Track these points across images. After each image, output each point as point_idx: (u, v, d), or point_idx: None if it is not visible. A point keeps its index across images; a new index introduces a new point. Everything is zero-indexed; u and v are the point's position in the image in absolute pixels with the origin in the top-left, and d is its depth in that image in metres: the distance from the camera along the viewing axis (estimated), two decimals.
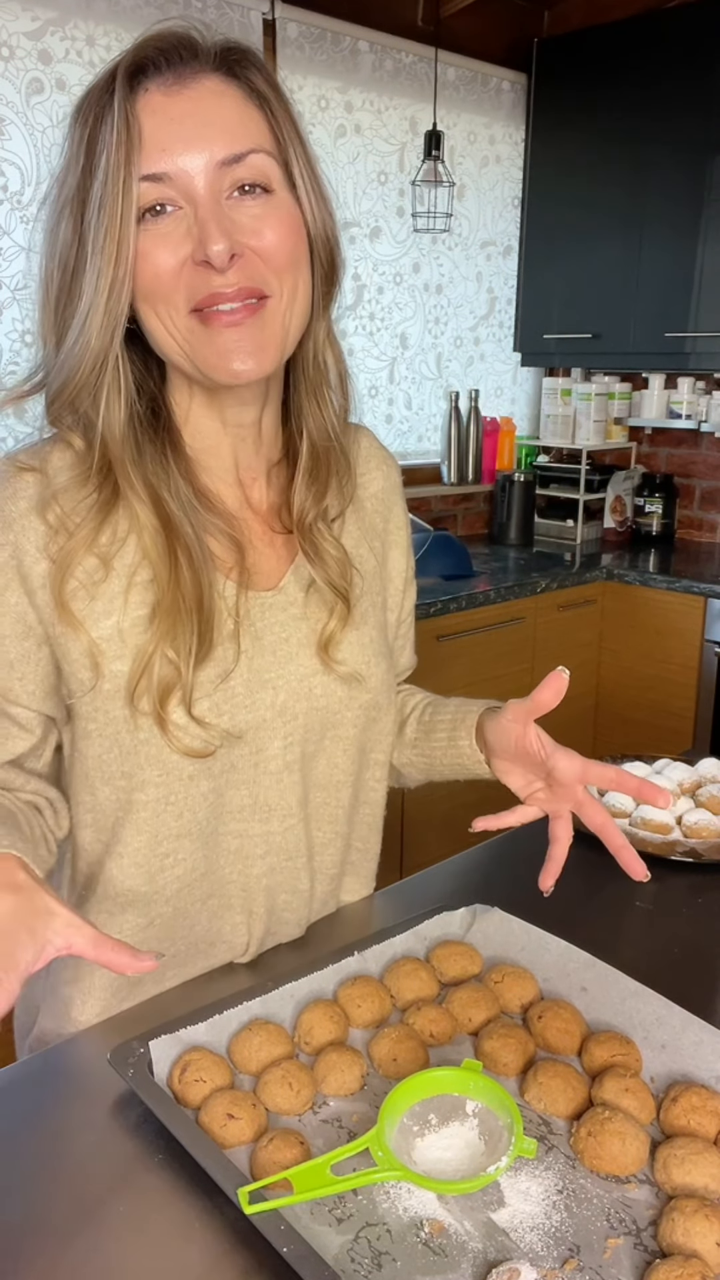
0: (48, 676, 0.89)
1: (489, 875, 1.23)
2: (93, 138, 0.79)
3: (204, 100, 0.80)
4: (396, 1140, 0.73)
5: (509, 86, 3.51)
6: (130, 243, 0.79)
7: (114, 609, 0.87)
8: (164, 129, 0.79)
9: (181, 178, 0.79)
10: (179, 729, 0.87)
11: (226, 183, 0.80)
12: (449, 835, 1.25)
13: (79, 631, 0.86)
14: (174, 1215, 0.71)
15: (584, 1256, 0.67)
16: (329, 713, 0.97)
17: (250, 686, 0.91)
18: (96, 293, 0.80)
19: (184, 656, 0.86)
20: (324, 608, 0.96)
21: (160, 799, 0.90)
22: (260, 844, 0.97)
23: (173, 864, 0.94)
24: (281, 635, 0.94)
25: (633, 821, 1.29)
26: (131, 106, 0.78)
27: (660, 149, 3.15)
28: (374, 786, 1.08)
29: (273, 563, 0.96)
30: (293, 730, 0.95)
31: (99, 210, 0.79)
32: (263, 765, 0.94)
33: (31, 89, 2.44)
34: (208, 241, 0.79)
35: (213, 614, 0.88)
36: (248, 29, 2.78)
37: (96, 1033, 0.93)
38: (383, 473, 1.08)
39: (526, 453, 3.75)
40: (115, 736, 0.88)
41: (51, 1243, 0.69)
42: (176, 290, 0.81)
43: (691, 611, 3.02)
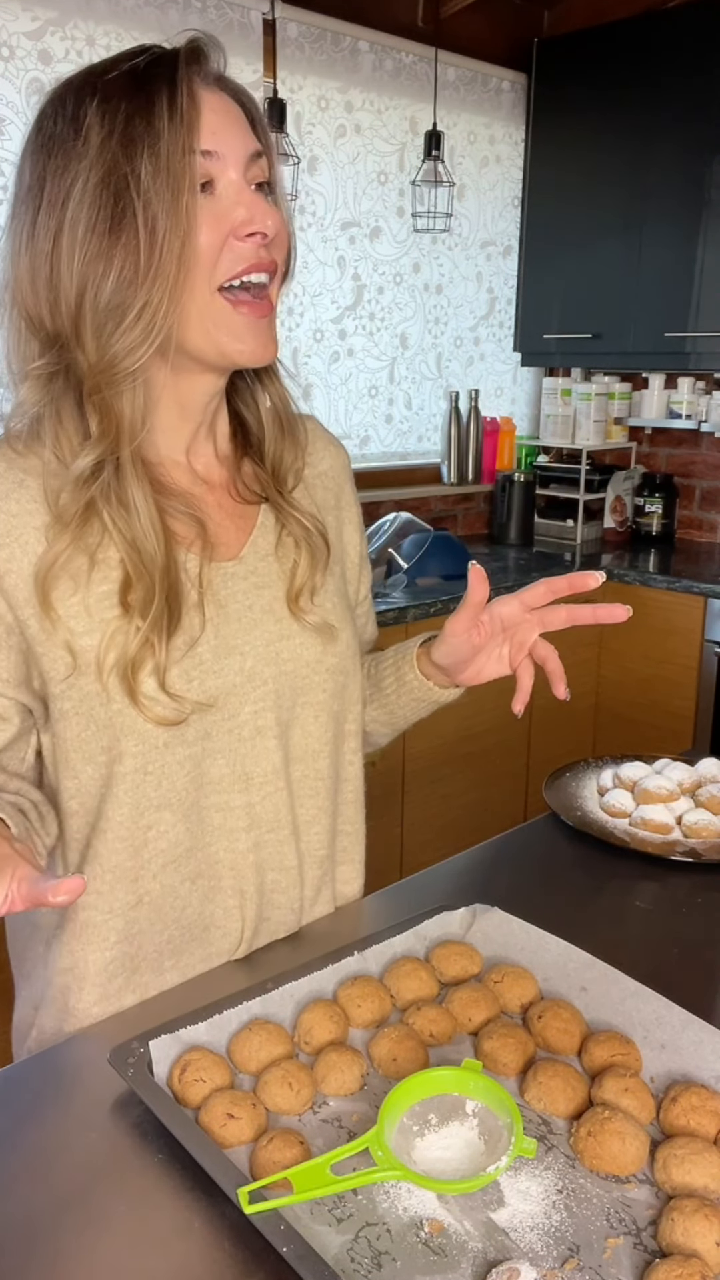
0: (19, 665, 0.90)
1: (489, 875, 1.23)
2: (139, 118, 0.81)
3: (228, 103, 0.88)
4: (396, 1140, 0.73)
5: (509, 86, 3.51)
6: (195, 214, 0.83)
7: (78, 587, 0.89)
8: (213, 114, 0.85)
9: (227, 159, 0.86)
10: (149, 700, 0.89)
11: (250, 175, 0.88)
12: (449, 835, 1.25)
13: (56, 622, 0.89)
14: (174, 1215, 0.71)
15: (584, 1256, 0.67)
16: (298, 677, 1.00)
17: (217, 653, 0.94)
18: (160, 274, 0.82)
19: (156, 631, 0.89)
20: (285, 572, 1.00)
21: (139, 769, 0.92)
22: (243, 816, 0.99)
23: (155, 837, 0.95)
24: (245, 603, 0.97)
25: (632, 821, 1.29)
26: (193, 86, 0.84)
27: (660, 149, 3.15)
28: (351, 759, 1.10)
29: (231, 534, 0.99)
30: (263, 695, 0.97)
31: (165, 181, 0.81)
32: (236, 732, 0.96)
33: (31, 89, 2.44)
34: (264, 216, 0.86)
35: (179, 590, 0.91)
36: (248, 29, 2.78)
37: (96, 1033, 0.93)
38: (330, 453, 1.12)
39: (526, 453, 3.75)
40: (90, 713, 0.90)
41: (51, 1242, 0.69)
42: (214, 263, 0.86)
43: (691, 611, 3.02)
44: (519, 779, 3.00)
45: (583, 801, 1.36)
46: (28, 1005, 1.05)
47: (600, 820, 1.31)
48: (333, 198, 3.12)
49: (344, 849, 1.12)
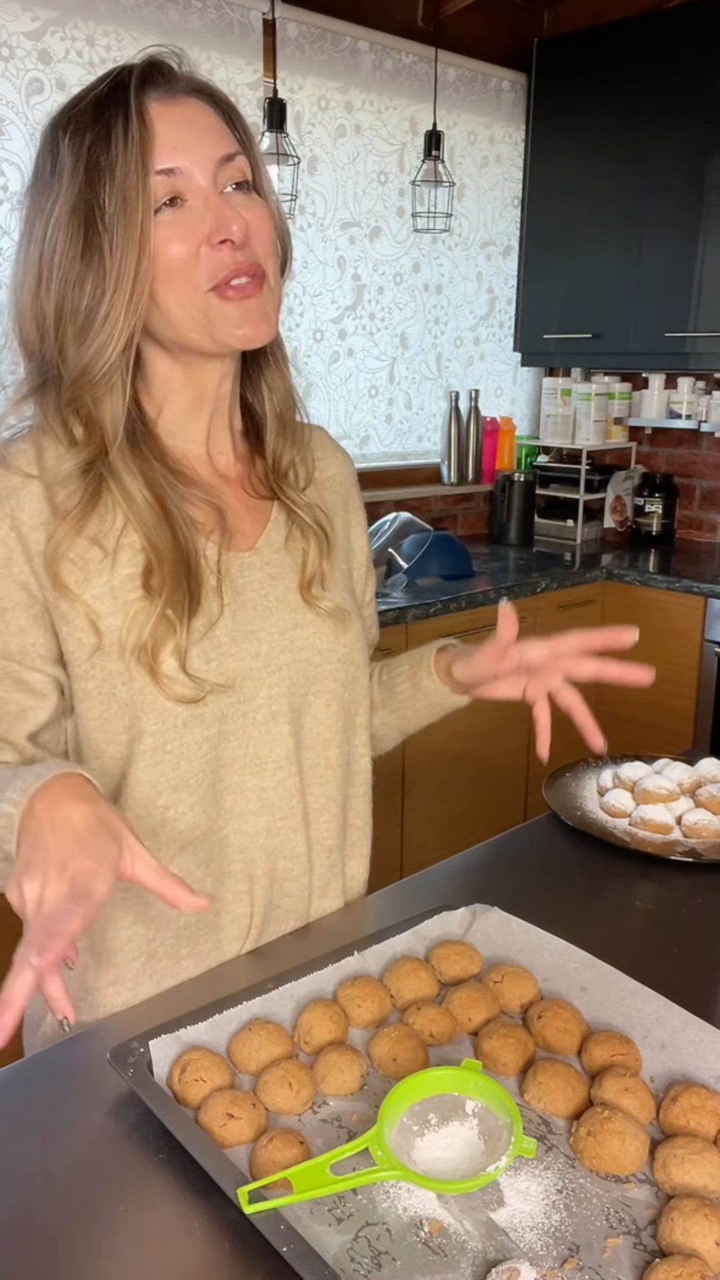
0: (52, 643, 0.94)
1: (489, 875, 1.23)
2: (98, 145, 0.87)
3: (193, 111, 0.91)
4: (396, 1140, 0.73)
5: (509, 86, 3.51)
6: (150, 233, 0.88)
7: (104, 569, 0.94)
8: (170, 130, 0.89)
9: (190, 172, 0.89)
10: (169, 679, 0.93)
11: (222, 179, 0.91)
12: (449, 835, 1.26)
13: (76, 602, 0.93)
14: (174, 1215, 0.71)
15: (584, 1256, 0.67)
16: (310, 665, 1.03)
17: (234, 637, 0.98)
18: (119, 287, 0.87)
19: (178, 613, 0.93)
20: (297, 564, 1.04)
21: (157, 747, 0.95)
22: (255, 799, 1.01)
23: (174, 818, 0.97)
24: (261, 592, 1.01)
25: (632, 821, 1.29)
26: (143, 108, 0.88)
27: (660, 149, 3.15)
28: (361, 753, 1.13)
29: (248, 525, 1.04)
30: (277, 681, 1.01)
31: (120, 205, 0.86)
32: (251, 715, 1.00)
33: (31, 89, 2.45)
34: (229, 222, 0.89)
35: (200, 574, 0.96)
36: (248, 29, 2.78)
37: (97, 1033, 0.93)
38: (338, 460, 1.17)
39: (526, 453, 3.75)
40: (112, 691, 0.94)
41: (51, 1242, 0.69)
42: (196, 270, 0.90)
43: (691, 611, 3.02)
44: (519, 779, 3.00)
45: (583, 801, 1.36)
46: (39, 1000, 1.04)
47: (600, 820, 1.31)
48: (333, 198, 3.12)
49: (353, 843, 1.14)
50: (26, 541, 0.92)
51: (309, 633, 1.03)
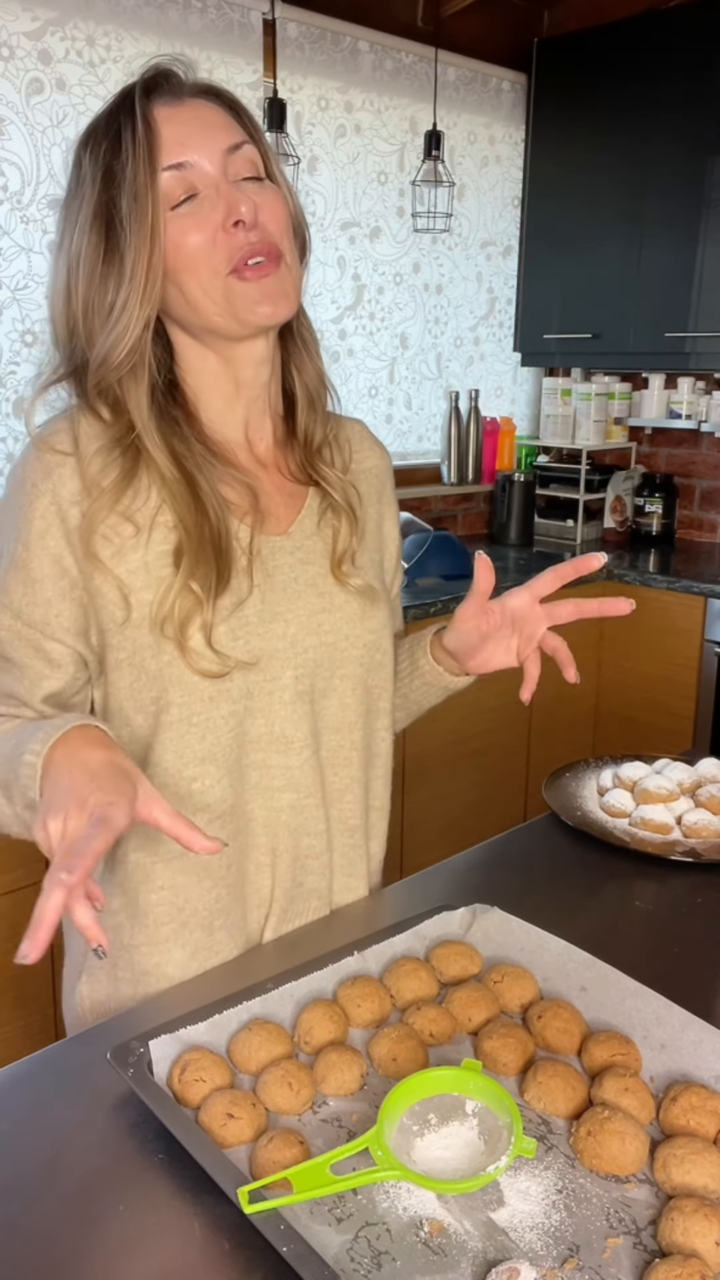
0: (79, 618, 0.98)
1: (489, 875, 1.24)
2: (110, 153, 0.93)
3: (199, 110, 0.97)
4: (396, 1140, 0.73)
5: (509, 86, 3.51)
6: (162, 227, 0.93)
7: (139, 545, 0.98)
8: (176, 129, 0.94)
9: (199, 165, 0.94)
10: (196, 654, 0.97)
11: (230, 170, 0.96)
12: (449, 835, 1.26)
13: (106, 574, 0.97)
14: (174, 1215, 0.71)
15: (584, 1256, 0.67)
16: (335, 649, 1.06)
17: (263, 617, 1.01)
18: (134, 277, 0.93)
19: (206, 590, 0.97)
20: (328, 546, 1.08)
21: (184, 719, 0.98)
22: (280, 776, 1.05)
23: (200, 790, 1.01)
24: (291, 575, 1.04)
25: (632, 821, 1.29)
26: (148, 113, 0.94)
27: (660, 149, 3.15)
28: (383, 736, 1.15)
29: (283, 510, 1.07)
30: (303, 663, 1.04)
31: (132, 203, 0.92)
32: (277, 695, 1.03)
33: (31, 89, 2.45)
34: (238, 205, 0.94)
35: (230, 552, 0.99)
36: (248, 29, 2.78)
37: (97, 1033, 0.93)
38: (376, 453, 1.20)
39: (526, 453, 3.75)
40: (142, 663, 0.98)
41: (51, 1242, 0.69)
42: (215, 254, 0.94)
43: (691, 611, 3.02)
44: (519, 779, 3.00)
45: (583, 801, 1.36)
46: (76, 954, 1.10)
47: (600, 820, 1.31)
48: (333, 198, 3.12)
49: (373, 824, 1.17)
50: (65, 517, 0.96)
51: (336, 617, 1.06)
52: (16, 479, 0.99)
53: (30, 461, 0.98)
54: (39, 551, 0.97)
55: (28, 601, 0.97)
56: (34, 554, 0.97)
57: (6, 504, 1.00)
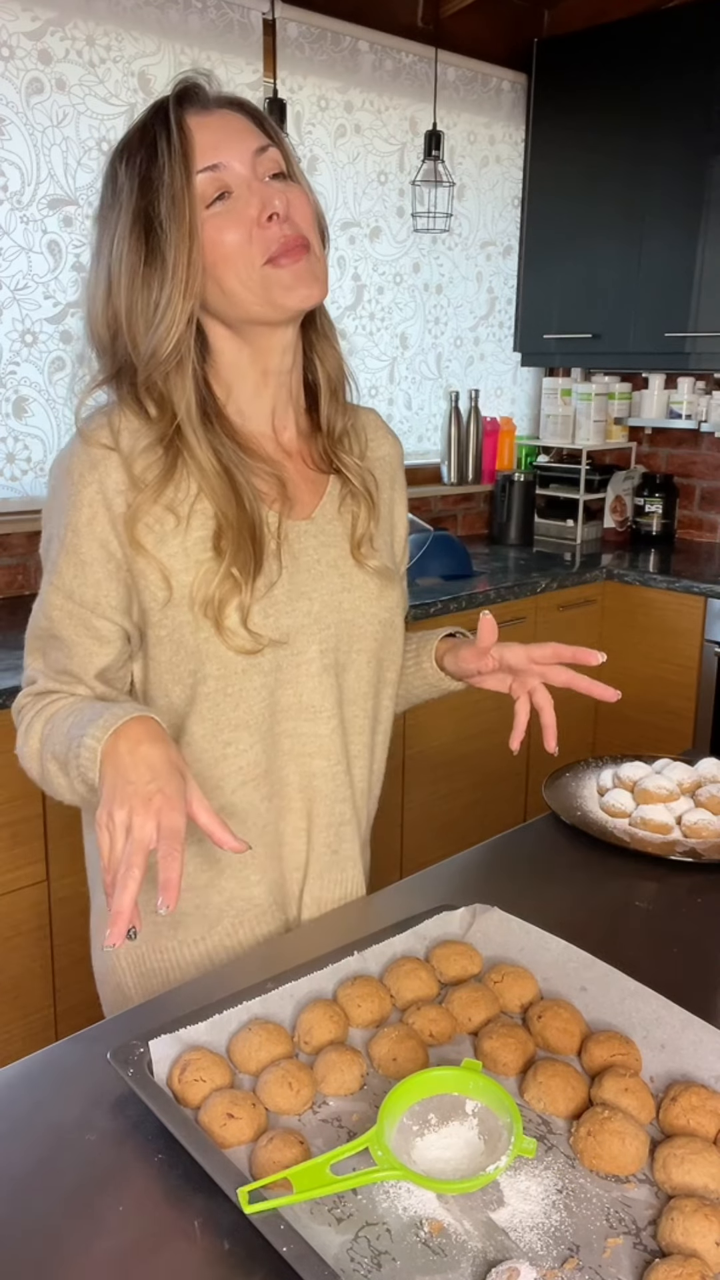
0: (124, 596, 1.06)
1: (489, 875, 1.24)
2: (147, 161, 1.00)
3: (226, 118, 1.04)
4: (396, 1140, 0.73)
5: (509, 86, 3.51)
6: (200, 225, 1.00)
7: (179, 533, 1.05)
8: (208, 135, 1.01)
9: (231, 166, 1.01)
10: (231, 632, 1.04)
11: (260, 169, 1.02)
12: (449, 835, 1.26)
13: (151, 560, 1.04)
14: (174, 1215, 0.71)
15: (584, 1256, 0.67)
16: (354, 625, 1.14)
17: (290, 596, 1.09)
18: (175, 274, 1.00)
19: (245, 575, 1.05)
20: (348, 529, 1.15)
21: (219, 690, 1.06)
22: (311, 742, 1.13)
23: (234, 754, 1.09)
24: (315, 557, 1.12)
25: (632, 821, 1.29)
26: (182, 121, 1.01)
27: (660, 149, 3.15)
28: (386, 705, 1.23)
29: (307, 496, 1.14)
30: (326, 638, 1.11)
31: (171, 205, 0.99)
32: (305, 667, 1.10)
33: (31, 89, 2.44)
34: (271, 199, 1.01)
35: (263, 539, 1.07)
36: (248, 29, 2.78)
37: (97, 1033, 0.93)
38: (389, 441, 1.27)
39: (526, 453, 3.75)
40: (180, 640, 1.05)
41: (51, 1242, 0.69)
42: (251, 248, 1.01)
43: (691, 611, 3.02)
44: (519, 779, 3.00)
45: (583, 801, 1.36)
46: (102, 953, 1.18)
47: (600, 820, 1.31)
48: (333, 198, 3.12)
49: (373, 787, 1.25)
50: (111, 505, 1.03)
51: (355, 596, 1.14)
52: (63, 470, 1.05)
53: (77, 454, 1.04)
54: (88, 536, 1.04)
55: (79, 583, 1.05)
56: (83, 539, 1.04)
57: (54, 494, 1.07)
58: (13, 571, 2.59)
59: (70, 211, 2.56)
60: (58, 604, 1.06)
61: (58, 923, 2.05)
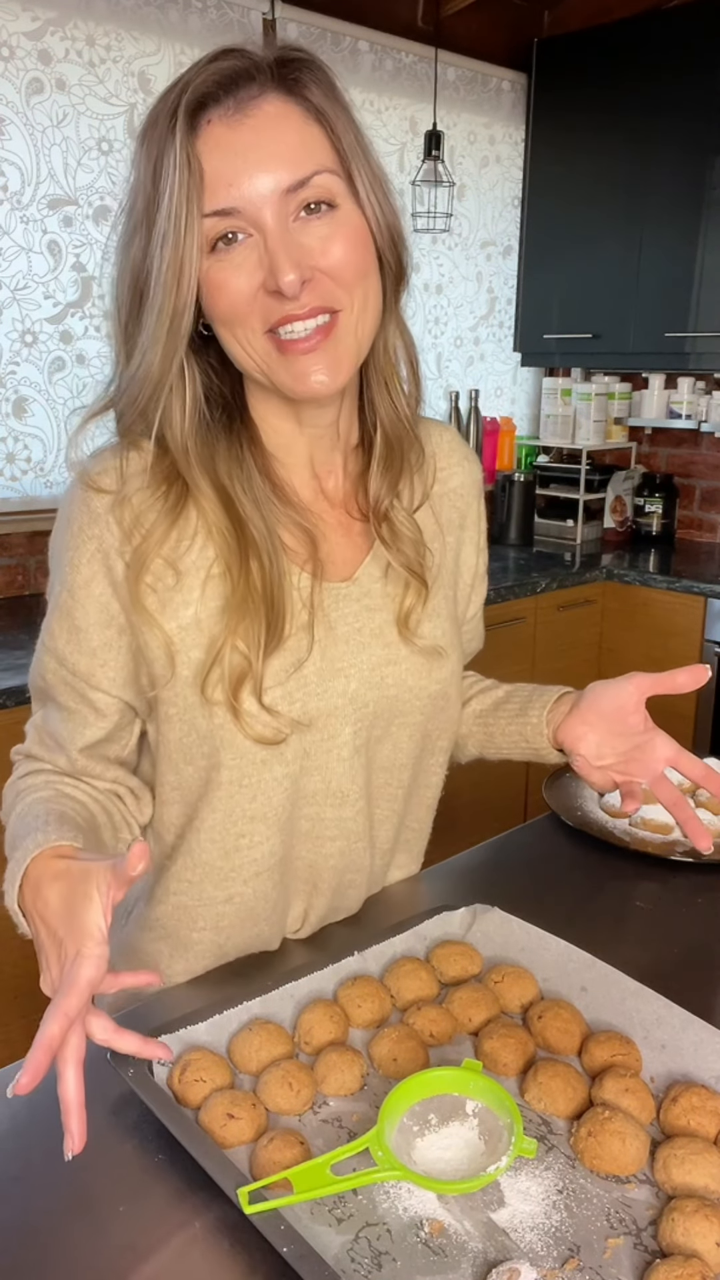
0: (127, 664, 0.93)
1: (489, 875, 1.23)
2: (158, 167, 0.81)
3: (265, 128, 0.81)
4: (396, 1140, 0.73)
5: (509, 86, 3.51)
6: (191, 277, 0.82)
7: (191, 600, 0.91)
8: (229, 163, 0.80)
9: (249, 209, 0.81)
10: (251, 717, 0.91)
11: (292, 206, 0.82)
12: (449, 835, 1.26)
13: (154, 627, 0.90)
14: (174, 1215, 0.71)
15: (584, 1256, 0.67)
16: (399, 701, 1.00)
17: (323, 675, 0.95)
18: (158, 323, 0.83)
19: (253, 648, 0.90)
20: (399, 593, 0.99)
21: (235, 780, 0.94)
22: (333, 827, 1.01)
23: (249, 845, 0.97)
24: (355, 625, 0.97)
25: (632, 821, 1.29)
26: (192, 145, 0.80)
27: (660, 149, 3.15)
28: (434, 771, 1.12)
29: (348, 553, 0.98)
30: (362, 718, 0.98)
31: (162, 244, 0.81)
32: (336, 752, 0.97)
33: (31, 89, 2.44)
34: (279, 273, 0.81)
35: (284, 606, 0.91)
36: (248, 29, 2.78)
37: None
38: (464, 469, 1.10)
39: (526, 453, 3.75)
40: (192, 721, 0.92)
41: (51, 1243, 0.69)
42: (252, 314, 0.84)
43: (691, 611, 3.02)
44: (519, 779, 3.00)
45: (583, 801, 1.36)
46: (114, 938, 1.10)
47: (600, 820, 1.31)
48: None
49: (406, 841, 1.15)
50: (112, 567, 0.90)
51: (401, 670, 0.99)
52: (64, 518, 0.93)
53: (76, 502, 0.91)
54: (84, 599, 0.91)
55: (72, 649, 0.93)
56: (78, 601, 0.91)
57: (55, 541, 0.94)
58: (13, 571, 2.59)
59: (70, 211, 2.56)
60: (51, 667, 0.95)
61: None
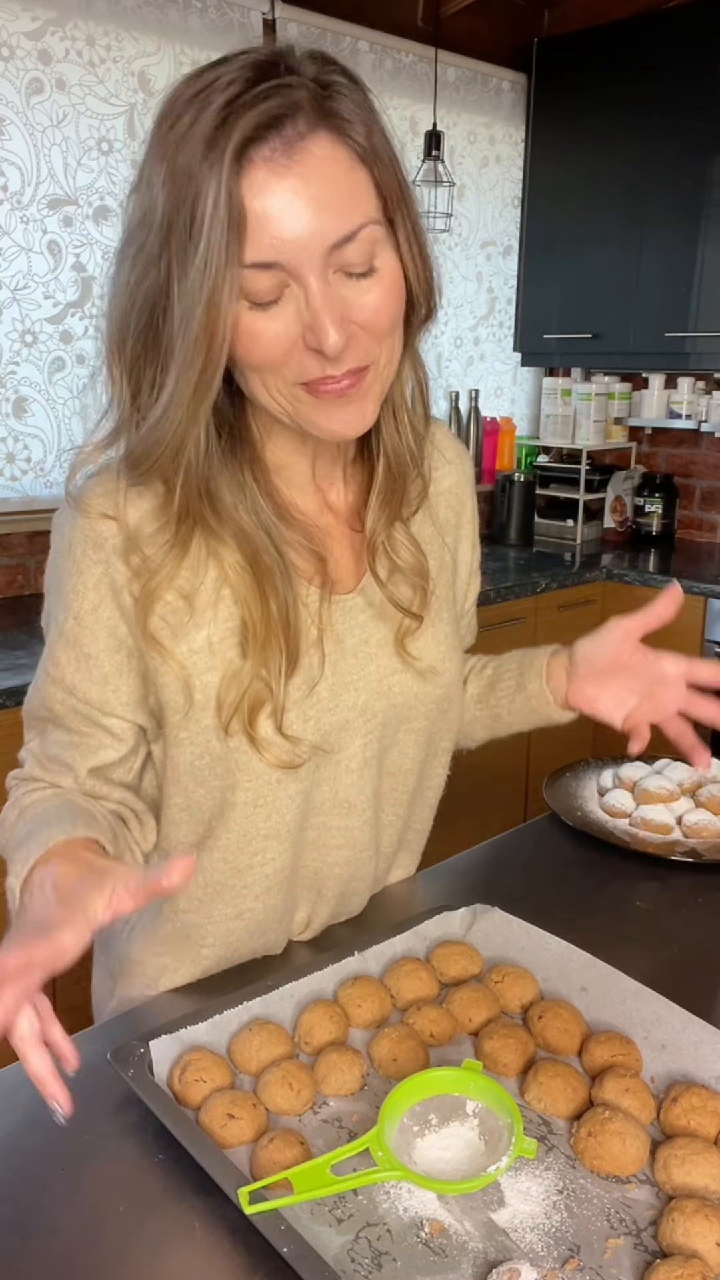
0: (138, 688, 0.91)
1: (489, 875, 1.23)
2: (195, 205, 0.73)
3: (314, 176, 0.74)
4: (396, 1140, 0.73)
5: (509, 86, 3.51)
6: (226, 331, 0.76)
7: (203, 623, 0.89)
8: (274, 211, 0.73)
9: (292, 263, 0.75)
10: (267, 742, 0.90)
11: (335, 263, 0.77)
12: (449, 835, 1.26)
13: (168, 659, 0.88)
14: (174, 1215, 0.71)
15: (584, 1256, 0.67)
16: (405, 708, 1.00)
17: (334, 690, 0.94)
18: (185, 378, 0.77)
19: (274, 676, 0.89)
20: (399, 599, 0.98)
21: (250, 801, 0.93)
22: (339, 836, 1.01)
23: (261, 863, 0.97)
24: (362, 636, 0.97)
25: (633, 821, 1.29)
26: (236, 187, 0.72)
27: (660, 149, 3.15)
28: (438, 773, 1.12)
29: (351, 564, 0.98)
30: (372, 728, 0.98)
31: (197, 292, 0.74)
32: (344, 764, 0.97)
33: (31, 89, 2.44)
34: (322, 334, 0.76)
35: (299, 630, 0.90)
36: (247, 29, 2.78)
37: (97, 1033, 0.93)
38: (456, 467, 1.08)
39: (526, 453, 3.75)
40: (206, 744, 0.91)
41: (51, 1242, 0.69)
42: (287, 366, 0.80)
43: (691, 611, 3.02)
44: (519, 779, 3.00)
45: (583, 801, 1.36)
46: (104, 972, 1.08)
47: (600, 820, 1.31)
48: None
49: (408, 841, 1.14)
50: (119, 592, 0.87)
51: (407, 677, 0.99)
52: (64, 544, 0.89)
53: (76, 529, 0.88)
54: (92, 625, 0.88)
55: (82, 678, 0.90)
56: (86, 628, 0.89)
57: (53, 565, 0.91)
58: (13, 571, 2.59)
59: (70, 211, 2.56)
60: (58, 698, 0.92)
61: None
